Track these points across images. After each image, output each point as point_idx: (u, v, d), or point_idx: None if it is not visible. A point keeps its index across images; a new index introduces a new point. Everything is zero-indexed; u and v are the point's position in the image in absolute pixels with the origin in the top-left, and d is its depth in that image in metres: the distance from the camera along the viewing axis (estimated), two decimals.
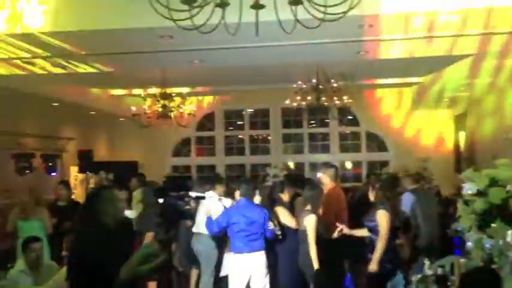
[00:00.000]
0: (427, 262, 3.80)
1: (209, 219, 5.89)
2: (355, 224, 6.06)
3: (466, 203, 3.66)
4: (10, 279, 5.00)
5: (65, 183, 8.07)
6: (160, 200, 4.11)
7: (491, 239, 3.35)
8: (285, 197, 6.52)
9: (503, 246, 3.22)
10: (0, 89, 9.55)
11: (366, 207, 5.85)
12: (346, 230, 5.83)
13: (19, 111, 10.67)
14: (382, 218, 5.38)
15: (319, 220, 5.81)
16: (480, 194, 3.55)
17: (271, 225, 5.85)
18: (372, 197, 5.57)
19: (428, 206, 7.63)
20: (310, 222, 5.73)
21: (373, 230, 5.44)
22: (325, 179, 6.66)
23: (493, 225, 3.41)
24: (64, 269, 4.48)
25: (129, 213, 7.54)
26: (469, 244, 3.62)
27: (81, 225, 3.42)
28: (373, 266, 5.30)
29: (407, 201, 7.28)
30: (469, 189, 3.63)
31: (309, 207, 5.87)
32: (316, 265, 5.63)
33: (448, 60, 9.18)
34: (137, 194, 7.84)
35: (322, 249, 5.71)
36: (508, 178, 3.51)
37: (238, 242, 5.75)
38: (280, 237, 5.89)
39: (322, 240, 5.78)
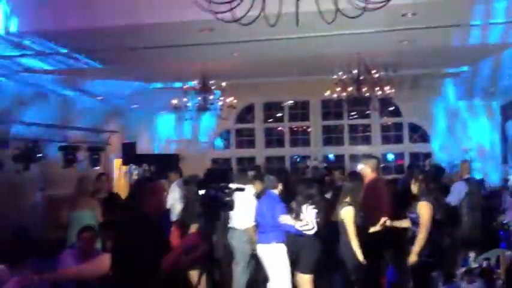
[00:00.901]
0: (472, 255, 3.72)
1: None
2: (396, 215, 5.98)
3: None
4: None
5: (104, 176, 8.29)
6: (201, 192, 4.17)
7: None
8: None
9: None
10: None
11: (407, 199, 5.77)
12: (389, 222, 5.77)
13: (66, 105, 11.00)
14: (423, 209, 5.31)
15: (358, 212, 5.78)
16: None
17: (285, 219, 5.87)
18: (414, 189, 5.49)
19: (477, 197, 7.48)
20: (347, 215, 5.71)
21: (415, 222, 5.37)
22: (366, 170, 6.62)
23: None
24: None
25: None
26: None
27: (125, 216, 3.49)
28: (413, 258, 5.25)
29: (460, 190, 7.15)
30: None
31: (348, 199, 5.85)
32: (360, 257, 5.60)
33: (495, 48, 8.89)
34: (174, 187, 8.04)
35: (362, 241, 5.68)
36: None
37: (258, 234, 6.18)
38: (308, 232, 5.85)
39: (362, 232, 5.74)
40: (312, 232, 5.81)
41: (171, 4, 5.97)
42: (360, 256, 5.60)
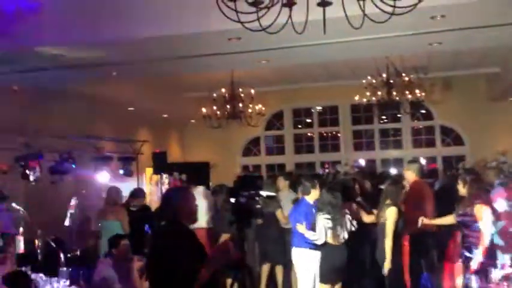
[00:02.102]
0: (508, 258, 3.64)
1: None
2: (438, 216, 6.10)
3: None
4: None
5: (138, 192, 8.46)
6: (232, 200, 4.21)
7: None
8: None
9: None
10: (80, 96, 10.10)
11: (451, 201, 5.76)
12: (426, 220, 5.77)
13: (98, 116, 11.22)
14: (482, 212, 5.17)
15: (400, 214, 5.79)
16: None
17: (299, 228, 5.91)
18: (463, 191, 5.42)
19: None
20: (390, 214, 5.71)
21: (468, 225, 5.27)
22: (409, 174, 6.80)
23: None
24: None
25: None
26: None
27: (159, 225, 3.53)
28: (475, 264, 5.11)
29: (498, 195, 7.05)
30: None
31: (389, 201, 5.85)
32: (388, 263, 5.55)
33: None
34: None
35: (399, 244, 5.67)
36: None
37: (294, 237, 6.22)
38: (317, 242, 5.82)
39: (399, 237, 5.73)
40: (318, 242, 5.78)
41: (199, 14, 6.05)
42: (388, 260, 5.56)
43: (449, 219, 5.73)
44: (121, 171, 11.45)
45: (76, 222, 8.91)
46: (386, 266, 5.63)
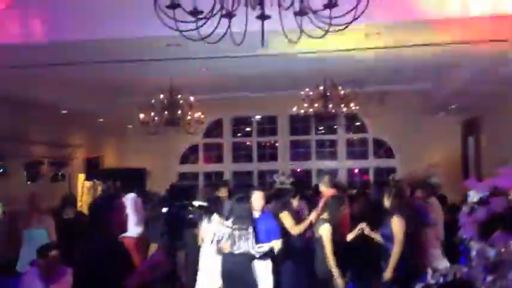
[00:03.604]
0: (430, 271, 3.82)
1: None
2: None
3: (470, 211, 3.67)
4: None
5: (70, 199, 8.13)
6: (164, 210, 4.12)
7: (493, 247, 3.34)
8: (295, 203, 6.71)
9: (505, 256, 3.22)
10: (11, 98, 9.66)
11: (379, 215, 5.89)
12: (367, 231, 5.86)
13: (28, 119, 10.78)
14: (398, 225, 5.39)
15: (334, 228, 5.87)
16: (482, 202, 3.55)
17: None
18: (387, 204, 5.60)
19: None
20: (324, 232, 5.77)
21: (389, 238, 5.45)
22: (322, 187, 6.95)
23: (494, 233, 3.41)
24: None
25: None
26: (474, 253, 3.62)
27: (87, 236, 3.42)
28: (388, 274, 5.30)
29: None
30: (472, 197, 3.63)
31: (325, 215, 5.92)
32: (338, 277, 5.62)
33: (456, 66, 9.17)
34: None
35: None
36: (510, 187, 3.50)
37: None
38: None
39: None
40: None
41: (137, 19, 5.96)
42: (336, 272, 5.63)
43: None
44: (52, 177, 11.05)
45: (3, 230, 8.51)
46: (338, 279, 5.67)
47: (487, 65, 8.36)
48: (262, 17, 3.22)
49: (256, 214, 5.97)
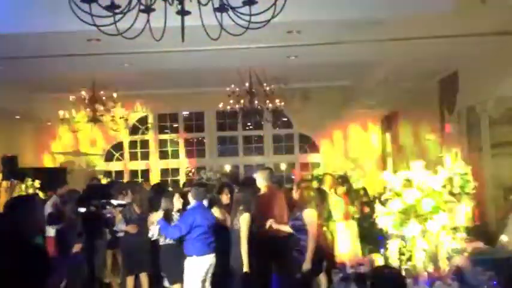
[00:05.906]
0: (348, 261, 3.97)
1: (165, 224, 5.93)
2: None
3: (383, 203, 3.85)
4: None
5: None
6: (82, 209, 3.99)
7: (407, 237, 3.54)
8: (224, 198, 6.77)
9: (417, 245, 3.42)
10: None
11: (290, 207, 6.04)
12: (275, 225, 5.97)
13: None
14: (311, 217, 5.51)
15: (253, 219, 5.95)
16: (397, 194, 3.74)
17: None
18: (296, 196, 5.70)
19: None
20: (244, 220, 5.85)
21: (300, 229, 5.54)
22: (260, 181, 6.89)
23: (407, 223, 3.61)
24: None
25: None
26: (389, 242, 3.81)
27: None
28: (307, 265, 5.40)
29: None
30: (388, 189, 3.82)
31: (241, 207, 5.99)
32: (246, 267, 5.70)
33: (376, 64, 9.56)
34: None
35: (251, 250, 5.81)
36: (422, 180, 3.72)
37: (201, 245, 5.91)
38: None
39: (252, 242, 5.88)
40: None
41: (53, 13, 5.72)
42: (246, 265, 5.71)
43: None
44: None
45: None
46: (245, 270, 5.75)
47: (402, 63, 8.79)
48: (182, 12, 3.21)
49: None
